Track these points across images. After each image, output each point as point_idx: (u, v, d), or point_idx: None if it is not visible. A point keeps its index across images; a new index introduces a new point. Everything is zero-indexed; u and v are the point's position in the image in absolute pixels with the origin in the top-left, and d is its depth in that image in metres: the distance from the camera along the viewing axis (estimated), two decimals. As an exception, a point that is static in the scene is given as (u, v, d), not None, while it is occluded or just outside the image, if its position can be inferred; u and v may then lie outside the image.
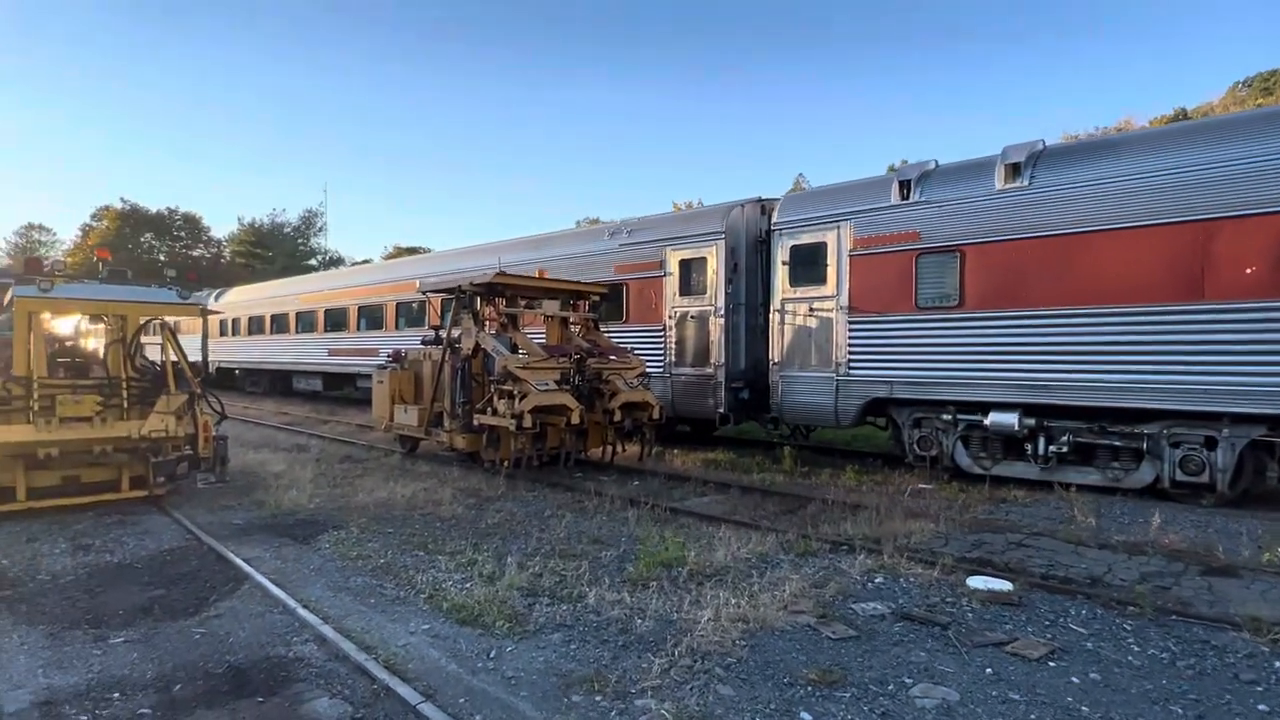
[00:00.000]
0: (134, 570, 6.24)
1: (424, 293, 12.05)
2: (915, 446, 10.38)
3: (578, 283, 12.18)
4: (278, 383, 26.33)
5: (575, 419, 9.92)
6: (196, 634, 4.80)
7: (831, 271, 10.91)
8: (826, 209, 11.04)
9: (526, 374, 9.84)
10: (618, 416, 10.59)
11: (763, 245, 12.50)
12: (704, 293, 12.47)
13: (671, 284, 12.90)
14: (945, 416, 9.93)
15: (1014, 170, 9.30)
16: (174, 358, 8.62)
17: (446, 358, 11.13)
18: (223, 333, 29.20)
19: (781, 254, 11.50)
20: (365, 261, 57.26)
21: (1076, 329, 8.81)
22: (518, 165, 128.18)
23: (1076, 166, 8.97)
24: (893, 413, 10.66)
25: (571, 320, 12.04)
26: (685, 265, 12.77)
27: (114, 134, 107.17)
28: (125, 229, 67.26)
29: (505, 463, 10.04)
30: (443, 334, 11.48)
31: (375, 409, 13.00)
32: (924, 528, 7.27)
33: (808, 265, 11.26)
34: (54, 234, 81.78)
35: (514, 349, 10.97)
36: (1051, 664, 4.32)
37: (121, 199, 67.87)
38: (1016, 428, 9.18)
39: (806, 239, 11.22)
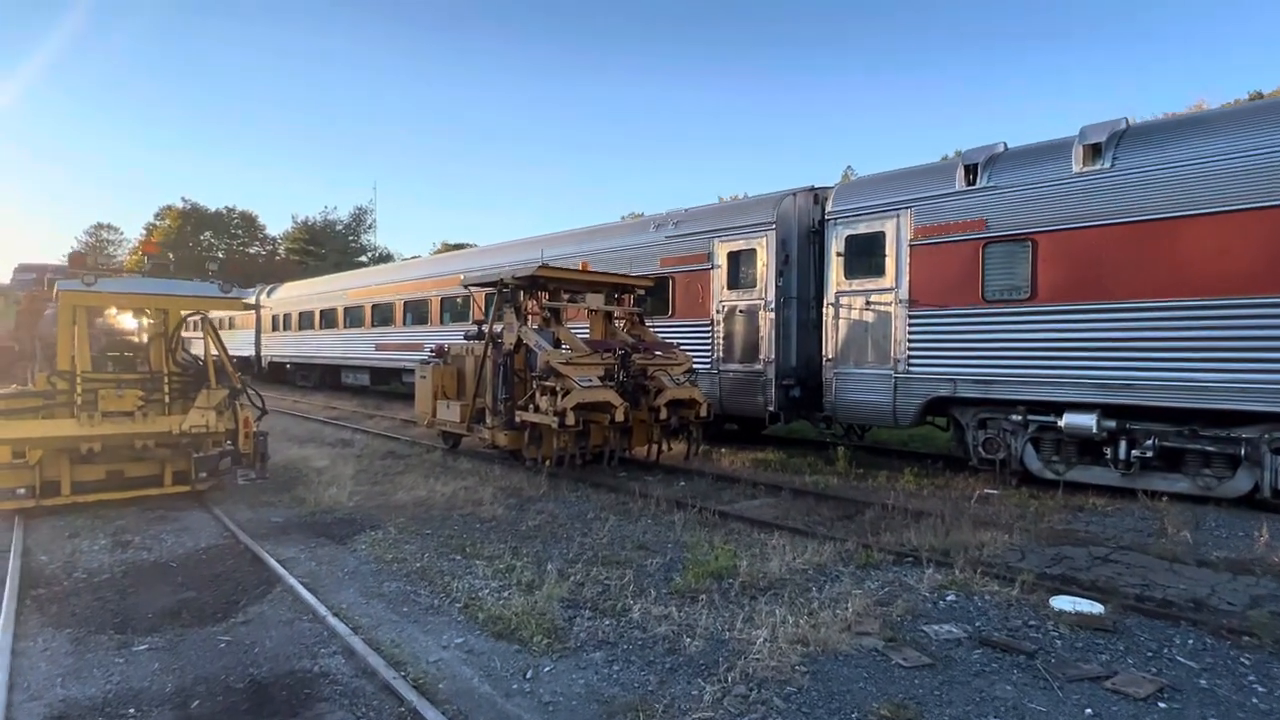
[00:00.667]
0: (169, 569, 6.09)
1: (466, 286, 11.84)
2: (980, 449, 9.73)
3: (622, 276, 11.82)
4: (327, 377, 26.66)
5: (619, 416, 9.56)
6: (222, 642, 4.57)
7: (890, 262, 10.31)
8: (885, 196, 10.43)
9: (569, 370, 9.51)
10: (663, 414, 10.20)
11: (816, 236, 11.95)
12: (753, 286, 11.97)
13: (719, 277, 12.44)
14: (1014, 417, 9.27)
15: (1093, 152, 8.58)
16: (215, 353, 8.53)
17: (488, 353, 10.88)
18: (275, 328, 29.73)
19: (836, 244, 10.94)
20: (414, 258, 58.05)
21: (1164, 324, 8.08)
22: (563, 161, 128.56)
23: (1164, 146, 8.22)
24: (955, 413, 10.02)
25: (616, 315, 11.68)
26: (734, 257, 12.29)
27: (176, 134, 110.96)
28: (186, 227, 69.54)
29: (547, 461, 9.74)
30: (486, 329, 11.24)
31: (418, 404, 12.86)
32: (996, 539, 6.69)
33: (864, 256, 10.67)
34: (121, 233, 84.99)
35: (557, 344, 10.66)
36: (1162, 704, 3.78)
37: (182, 198, 70.11)
38: (1094, 430, 8.49)
39: (863, 228, 10.63)
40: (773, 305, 11.67)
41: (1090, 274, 8.56)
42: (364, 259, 67.08)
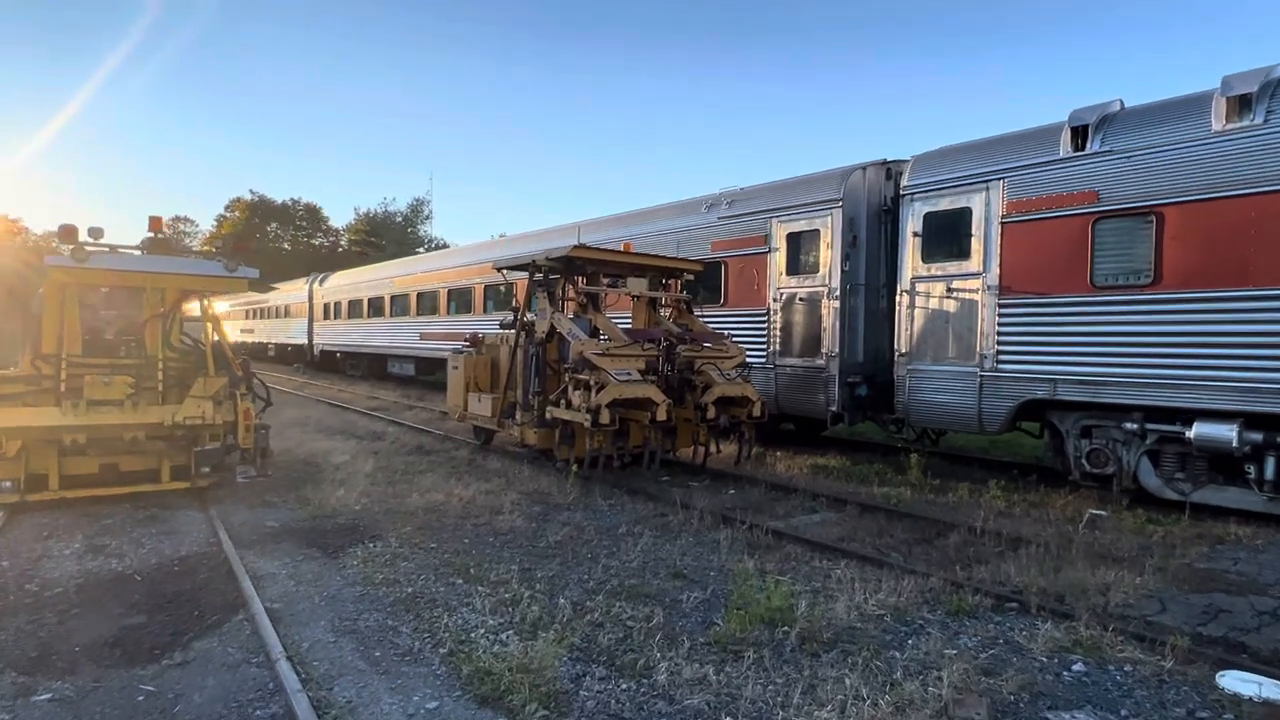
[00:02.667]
0: (130, 584, 5.28)
1: (499, 270, 10.92)
2: (1084, 461, 8.28)
3: (668, 258, 10.69)
4: (375, 366, 26.33)
5: (661, 415, 8.45)
6: (142, 693, 3.67)
7: (976, 243, 8.92)
8: (972, 167, 9.03)
9: (605, 361, 8.46)
10: (711, 413, 9.05)
11: (888, 215, 10.60)
12: (815, 271, 10.69)
13: (777, 261, 11.19)
14: (1128, 425, 7.80)
15: (1240, 105, 7.05)
16: (214, 338, 7.78)
17: (520, 342, 9.93)
18: (326, 316, 29.64)
19: (912, 223, 9.58)
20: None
21: (1331, 314, 6.54)
22: (615, 151, 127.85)
23: (1334, 96, 6.65)
24: (1054, 418, 8.58)
25: (661, 302, 10.58)
26: (794, 240, 11.03)
27: (244, 128, 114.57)
28: (254, 219, 71.35)
29: (580, 463, 8.71)
30: (526, 318, 10.26)
31: (449, 397, 12.01)
32: (1123, 580, 5.34)
33: (946, 236, 9.29)
34: (196, 225, 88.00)
35: (595, 333, 9.63)
36: None
37: (250, 191, 71.96)
38: (1235, 443, 6.98)
39: (945, 204, 9.25)
40: (837, 292, 10.37)
41: (1233, 254, 7.04)
42: (421, 250, 67.61)
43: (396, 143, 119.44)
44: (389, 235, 68.78)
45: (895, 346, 9.76)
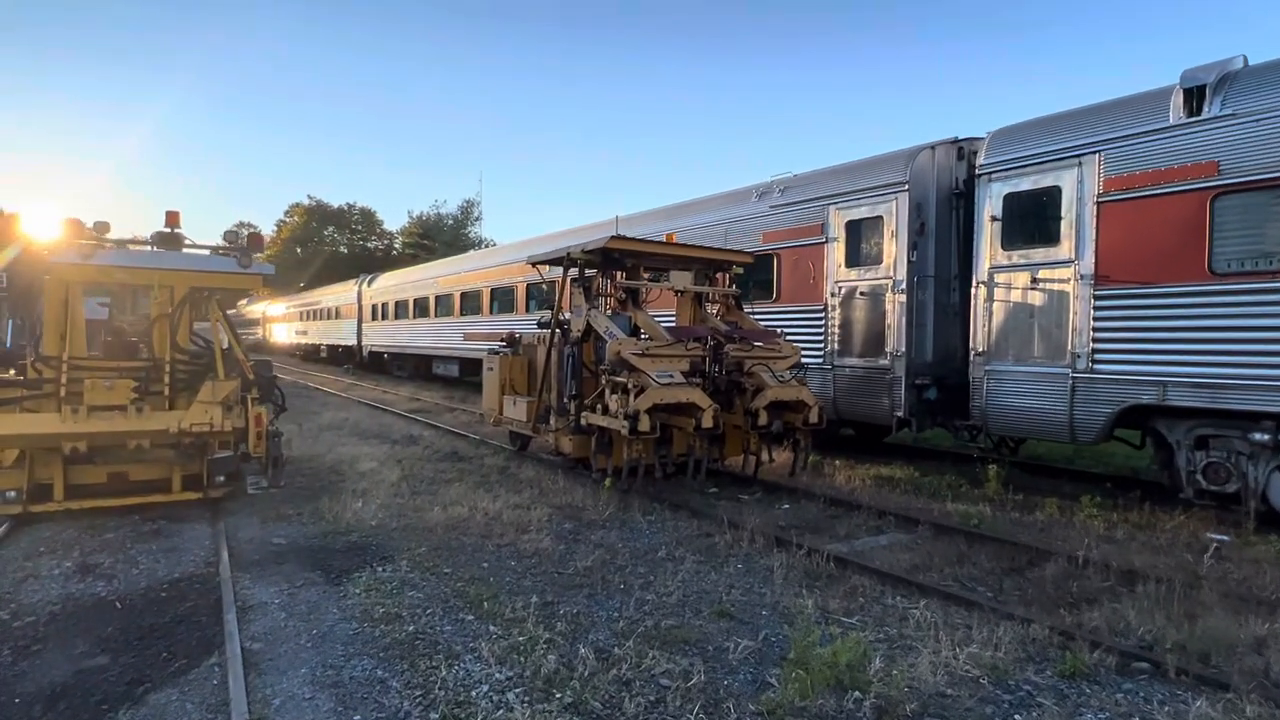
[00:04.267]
0: (107, 614, 4.72)
1: (532, 264, 10.25)
2: (1199, 476, 7.14)
3: (714, 249, 9.84)
4: (421, 367, 26.12)
5: (707, 421, 7.61)
6: (68, 768, 3.03)
7: (1067, 226, 7.83)
8: (1061, 140, 7.94)
9: (645, 362, 7.67)
10: (763, 419, 8.18)
11: (960, 199, 9.54)
12: (878, 262, 9.70)
13: (836, 252, 10.23)
14: (1256, 436, 6.65)
15: (1405, 51, 5.85)
16: (224, 339, 7.27)
17: (555, 341, 9.22)
18: (374, 317, 29.64)
19: (990, 206, 8.52)
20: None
21: None
22: (666, 148, 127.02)
23: None
24: (1161, 426, 7.44)
25: (708, 298, 9.73)
26: (854, 228, 10.05)
27: (303, 134, 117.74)
28: (312, 223, 73.03)
29: (617, 473, 7.91)
30: (561, 316, 9.55)
31: (485, 399, 11.40)
32: (1281, 634, 4.31)
33: (1030, 220, 8.22)
34: (258, 229, 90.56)
35: (635, 332, 8.86)
36: None
37: (308, 196, 73.65)
38: (1399, 460, 5.80)
39: (1029, 184, 8.18)
40: (903, 285, 9.36)
41: (1395, 231, 5.86)
42: (470, 251, 68.07)
43: (448, 146, 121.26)
44: (440, 237, 69.43)
45: (970, 345, 8.71)
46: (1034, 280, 8.10)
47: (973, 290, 8.72)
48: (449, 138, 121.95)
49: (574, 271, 9.07)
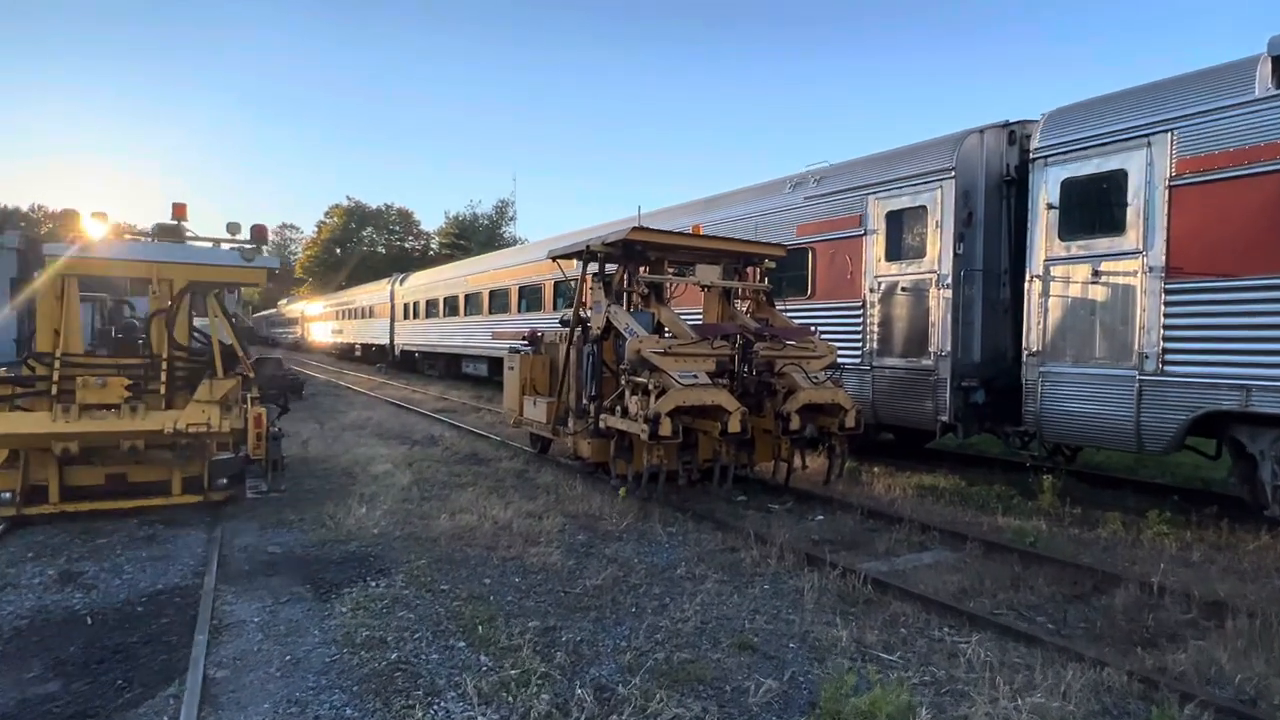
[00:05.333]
0: (75, 631, 4.36)
1: (552, 258, 9.80)
2: (1287, 492, 6.37)
3: (744, 241, 9.26)
4: (451, 366, 25.94)
5: (734, 425, 7.06)
6: (-27, 826, 2.63)
7: (1134, 213, 7.10)
8: (1127, 118, 7.21)
9: (667, 361, 7.15)
10: (795, 423, 7.59)
11: (1011, 186, 8.83)
12: (921, 255, 9.03)
13: (875, 245, 9.57)
14: (1358, 447, 5.87)
15: None
16: (224, 336, 6.95)
17: (574, 340, 8.75)
18: (405, 316, 29.59)
19: (1046, 193, 7.81)
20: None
21: None
22: (697, 146, 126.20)
23: None
24: (1242, 435, 6.67)
25: (737, 293, 9.17)
26: (895, 219, 9.39)
27: (342, 137, 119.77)
28: (350, 223, 74.02)
29: (637, 480, 7.37)
30: (582, 312, 9.06)
31: (506, 399, 11.00)
32: None
33: (1091, 207, 7.50)
34: (300, 231, 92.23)
35: (659, 329, 8.34)
36: None
37: (347, 197, 74.68)
38: None
39: (1090, 167, 7.46)
40: (948, 280, 8.67)
41: None
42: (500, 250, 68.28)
43: (483, 147, 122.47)
44: (475, 237, 69.72)
45: (1023, 344, 8.01)
46: (1096, 273, 7.37)
47: (1026, 285, 8.01)
48: (484, 139, 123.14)
49: (594, 266, 8.60)
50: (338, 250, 73.33)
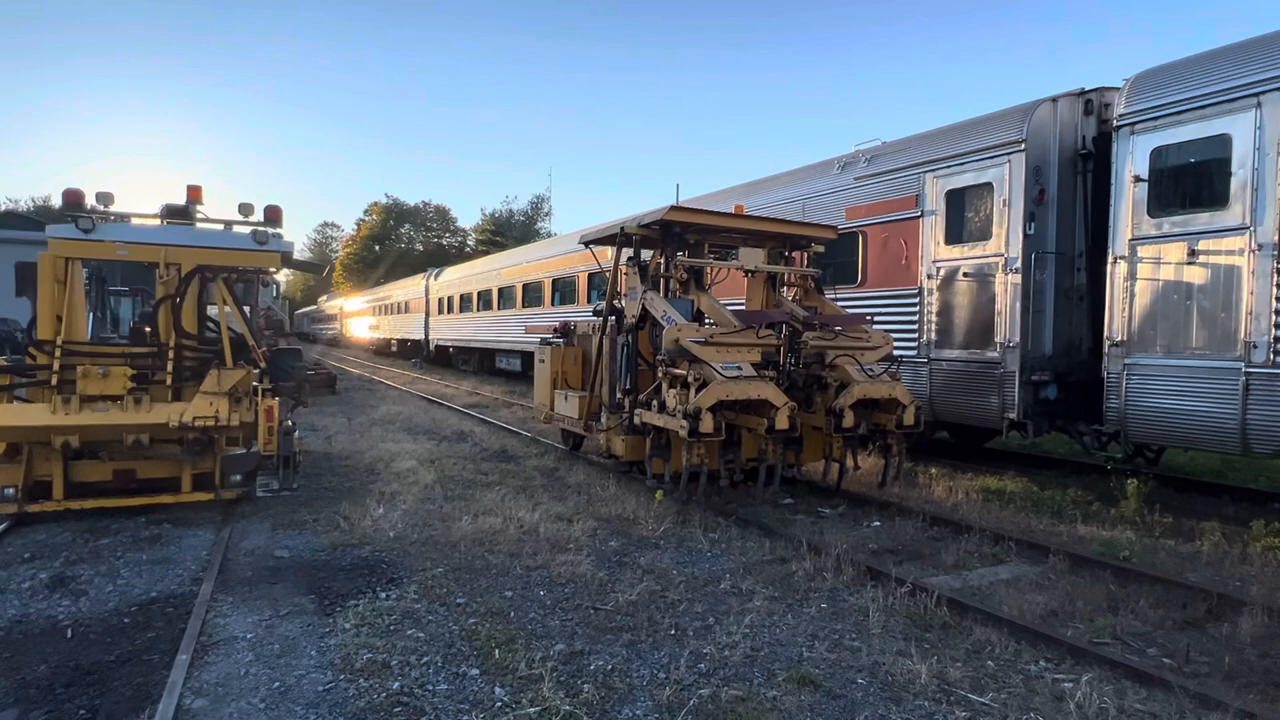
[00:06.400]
0: (50, 646, 3.92)
1: (584, 244, 9.24)
2: None
3: (791, 221, 8.58)
4: (485, 361, 25.64)
5: (782, 421, 6.41)
6: None
7: (1238, 185, 6.27)
8: (1231, 77, 6.37)
9: (708, 352, 6.53)
10: (848, 420, 6.92)
11: (1088, 160, 8.02)
12: (986, 237, 8.25)
13: (933, 227, 8.82)
14: None
15: None
16: (232, 323, 6.52)
17: (608, 329, 8.18)
18: (440, 311, 29.40)
19: (1133, 164, 7.00)
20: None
21: None
22: (735, 136, 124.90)
23: None
24: (1370, 436, 5.83)
25: (783, 280, 8.50)
26: (956, 198, 8.62)
27: (383, 135, 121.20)
28: (389, 221, 74.71)
29: (676, 480, 6.78)
30: (616, 302, 8.49)
31: (536, 394, 10.47)
32: None
33: (1187, 178, 6.68)
34: (341, 229, 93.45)
35: (698, 317, 7.72)
36: None
37: (385, 195, 75.36)
38: None
39: (1185, 134, 6.63)
40: (1017, 264, 7.89)
41: None
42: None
43: (519, 143, 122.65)
44: (511, 233, 69.74)
45: (1106, 333, 7.21)
46: (1192, 253, 6.55)
47: (1108, 267, 7.21)
48: (520, 135, 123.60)
49: (629, 251, 8.01)
50: (376, 248, 74.04)
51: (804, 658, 3.80)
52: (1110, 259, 7.18)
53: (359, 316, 48.58)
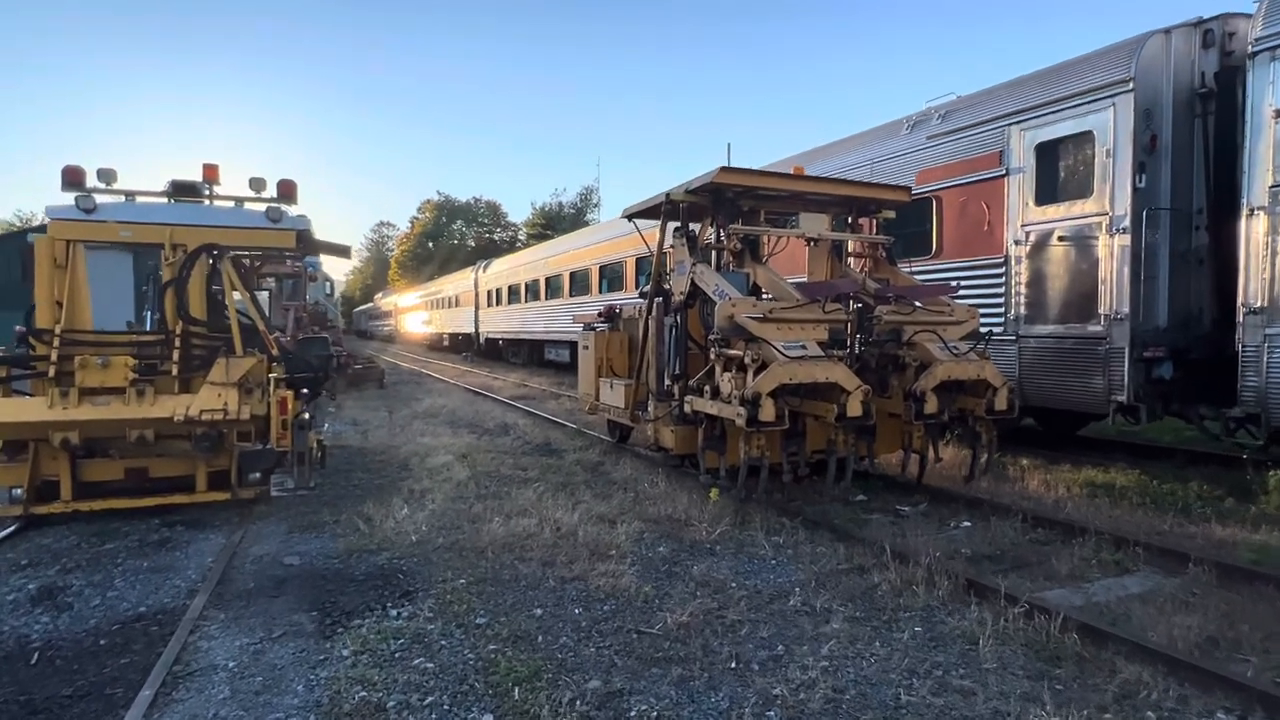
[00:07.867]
0: (5, 676, 3.39)
1: (627, 217, 8.49)
2: None
3: (858, 183, 7.64)
4: (534, 353, 25.20)
5: (854, 407, 5.56)
6: None
7: None
8: None
9: (767, 329, 5.72)
10: (931, 405, 6.02)
11: (1207, 100, 6.88)
12: (1086, 195, 7.19)
13: (1020, 187, 7.77)
14: None
15: None
16: (243, 309, 5.99)
17: (654, 310, 7.43)
18: (489, 304, 29.11)
19: (1272, 98, 5.89)
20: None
21: None
22: (787, 114, 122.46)
23: None
24: None
25: (849, 250, 7.61)
26: (1048, 152, 7.56)
27: (435, 133, 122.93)
28: (441, 218, 75.45)
29: (732, 475, 5.99)
30: (663, 283, 7.72)
31: (580, 383, 9.79)
32: None
33: (1348, 108, 5.55)
34: (396, 228, 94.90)
35: (755, 292, 6.89)
36: None
37: (437, 192, 76.16)
38: None
39: (1345, 55, 5.50)
40: (1125, 223, 6.82)
41: None
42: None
43: (567, 135, 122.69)
44: (561, 226, 69.51)
45: (1241, 299, 6.12)
46: (1356, 198, 5.43)
47: (1241, 222, 6.12)
48: (568, 126, 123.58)
49: (676, 222, 7.23)
50: (430, 244, 74.83)
51: (902, 702, 2.99)
52: (1245, 211, 6.08)
53: (412, 312, 48.97)
